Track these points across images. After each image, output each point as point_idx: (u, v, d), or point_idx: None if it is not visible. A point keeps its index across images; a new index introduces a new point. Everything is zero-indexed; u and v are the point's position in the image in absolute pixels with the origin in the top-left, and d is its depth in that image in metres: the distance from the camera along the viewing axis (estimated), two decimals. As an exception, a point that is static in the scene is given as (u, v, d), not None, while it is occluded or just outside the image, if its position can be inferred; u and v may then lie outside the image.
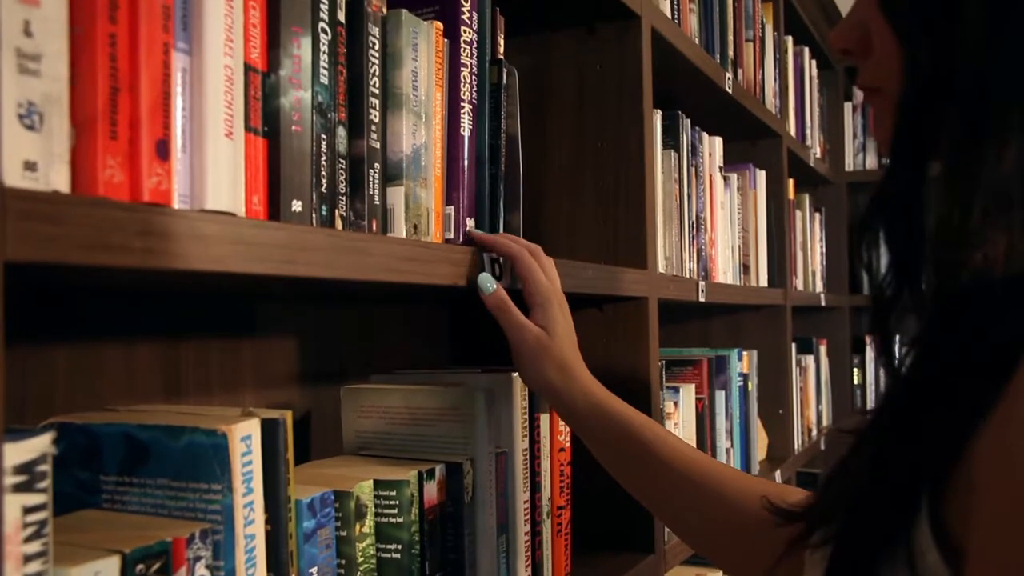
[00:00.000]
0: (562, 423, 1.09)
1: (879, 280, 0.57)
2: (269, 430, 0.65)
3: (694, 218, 1.60)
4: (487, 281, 0.87)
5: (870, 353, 3.12)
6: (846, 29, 0.61)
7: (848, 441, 0.59)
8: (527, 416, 1.02)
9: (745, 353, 1.93)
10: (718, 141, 1.76)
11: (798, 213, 2.49)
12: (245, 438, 0.63)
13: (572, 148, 1.30)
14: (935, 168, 0.54)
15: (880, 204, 0.57)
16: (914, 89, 0.55)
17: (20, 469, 0.48)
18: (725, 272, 1.81)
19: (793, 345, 2.24)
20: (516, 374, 0.99)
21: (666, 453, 0.86)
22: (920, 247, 0.55)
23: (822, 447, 2.58)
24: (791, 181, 2.34)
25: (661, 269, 1.42)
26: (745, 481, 0.85)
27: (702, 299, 1.52)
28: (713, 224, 1.73)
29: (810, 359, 2.57)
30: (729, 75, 1.69)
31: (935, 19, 0.53)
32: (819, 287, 2.75)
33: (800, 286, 2.49)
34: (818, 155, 2.76)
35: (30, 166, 0.49)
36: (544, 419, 1.06)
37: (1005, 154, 0.49)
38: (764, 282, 2.08)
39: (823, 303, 2.68)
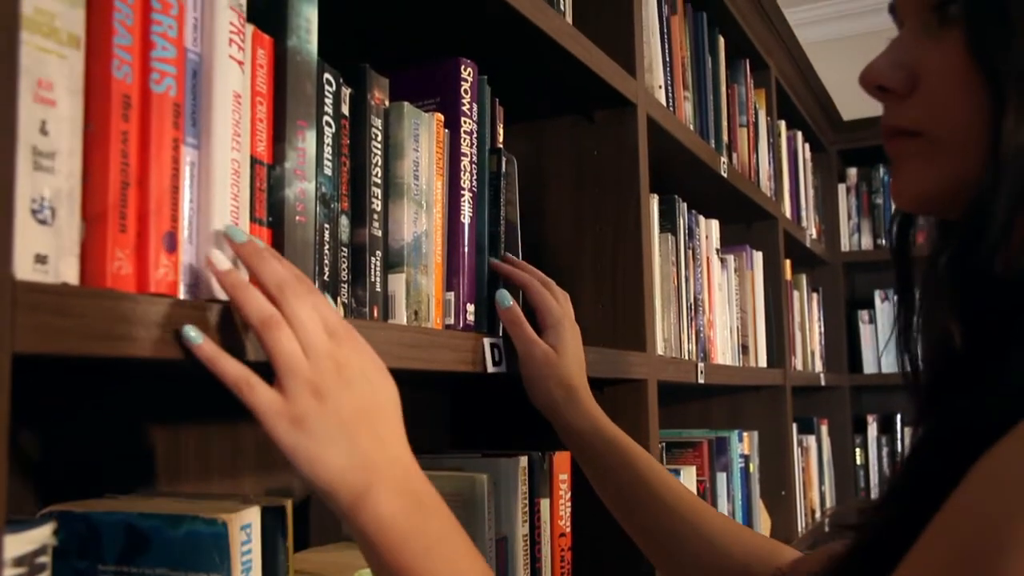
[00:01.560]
0: (562, 508, 1.08)
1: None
2: (269, 518, 0.65)
3: (692, 300, 1.62)
4: (504, 297, 0.92)
5: (872, 433, 3.10)
6: (888, 67, 0.59)
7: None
8: (527, 501, 1.02)
9: (746, 434, 1.93)
10: (715, 224, 1.78)
11: (796, 293, 2.51)
12: (245, 527, 0.63)
13: (571, 232, 1.32)
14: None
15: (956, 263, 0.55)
16: (1010, 144, 0.52)
17: (19, 561, 0.48)
18: (724, 353, 1.81)
19: (794, 425, 2.23)
20: (517, 459, 0.99)
21: (661, 486, 0.87)
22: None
23: (826, 528, 2.54)
24: (788, 262, 2.36)
25: (660, 351, 1.42)
26: (736, 529, 0.86)
27: (701, 380, 1.52)
28: (711, 305, 1.74)
29: (811, 439, 2.56)
30: (724, 159, 1.72)
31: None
32: (819, 367, 2.75)
33: (799, 366, 2.49)
34: (814, 236, 2.80)
35: (41, 259, 0.50)
36: (544, 504, 1.05)
37: None
38: (763, 362, 2.08)
39: (823, 383, 2.68)
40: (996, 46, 0.53)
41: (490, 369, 0.89)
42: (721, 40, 1.87)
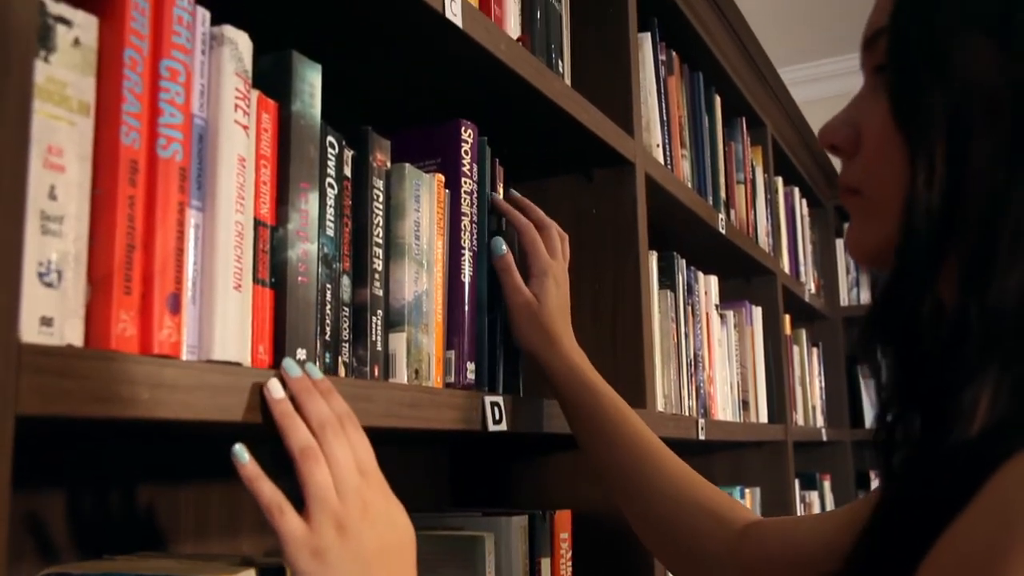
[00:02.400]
0: (563, 567, 1.07)
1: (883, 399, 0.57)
2: (268, 580, 0.65)
3: (692, 356, 1.62)
4: (498, 245, 0.98)
5: (875, 488, 3.07)
6: (838, 125, 0.62)
7: None
8: (528, 561, 1.01)
9: (748, 490, 1.91)
10: (713, 280, 1.79)
11: (795, 348, 2.51)
12: (244, 588, 0.63)
13: (571, 289, 1.32)
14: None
15: (877, 319, 0.57)
16: (921, 203, 0.54)
17: (19, 625, 0.48)
18: (724, 409, 1.81)
19: (796, 481, 2.22)
20: (518, 518, 0.99)
21: (627, 426, 0.91)
22: (920, 365, 0.54)
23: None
24: (787, 317, 2.37)
25: (660, 408, 1.42)
26: (693, 481, 0.89)
27: (702, 437, 1.52)
28: (711, 361, 1.74)
29: (814, 495, 2.54)
30: (722, 216, 1.74)
31: (955, 136, 0.53)
32: (820, 422, 2.74)
33: (801, 421, 2.48)
34: (813, 291, 2.81)
35: (46, 321, 0.51)
36: (545, 564, 1.04)
37: (1007, 285, 0.49)
38: (764, 418, 2.07)
39: (824, 438, 2.66)
40: (909, 108, 0.55)
41: (491, 428, 0.89)
42: (718, 99, 1.90)
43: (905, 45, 0.56)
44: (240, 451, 0.62)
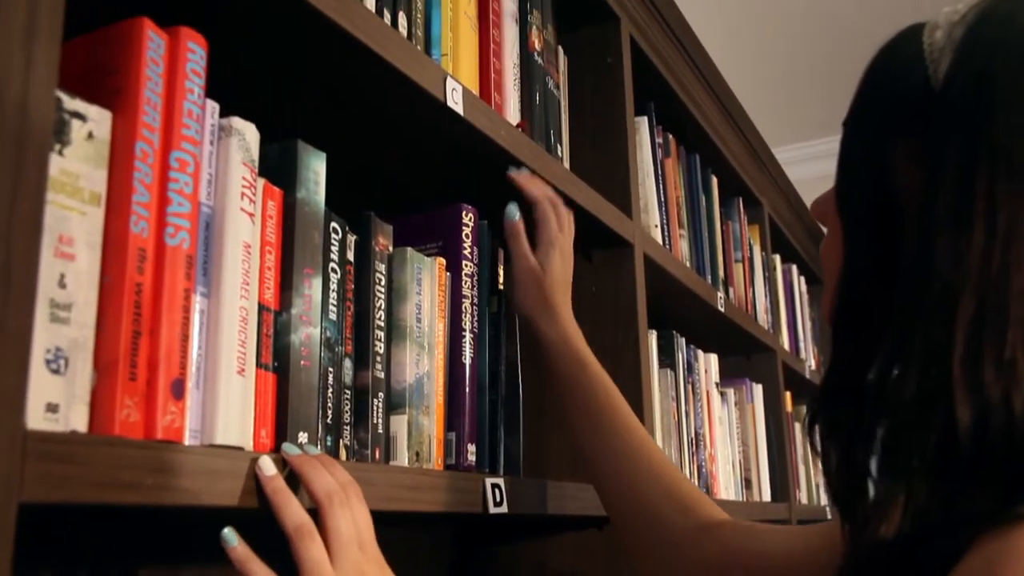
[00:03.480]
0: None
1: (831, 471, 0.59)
2: (267, 669, 0.64)
3: (693, 434, 1.61)
4: (513, 211, 1.00)
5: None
6: (820, 202, 0.67)
7: None
8: (529, 646, 0.99)
9: (752, 572, 1.88)
10: (713, 358, 1.80)
11: (797, 425, 2.50)
12: None
13: (570, 369, 1.33)
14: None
15: (821, 395, 0.60)
16: (850, 281, 0.59)
17: None
18: (727, 488, 1.80)
19: (801, 562, 2.18)
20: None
21: (614, 408, 0.92)
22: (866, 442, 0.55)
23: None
24: (788, 393, 2.36)
25: (662, 488, 1.41)
26: (673, 473, 0.89)
27: (705, 517, 1.50)
28: (712, 440, 1.74)
29: None
30: (721, 294, 1.75)
31: (881, 219, 0.57)
32: (824, 500, 2.71)
33: (804, 499, 2.45)
34: (813, 367, 2.80)
35: (52, 408, 0.51)
36: (547, 649, 1.03)
37: (908, 378, 0.51)
38: (767, 496, 2.05)
39: (829, 516, 2.63)
40: (843, 196, 0.61)
41: (491, 510, 0.89)
42: (714, 180, 1.93)
43: (846, 141, 0.61)
44: (229, 534, 0.62)
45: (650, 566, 0.89)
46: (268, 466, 0.64)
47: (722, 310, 1.74)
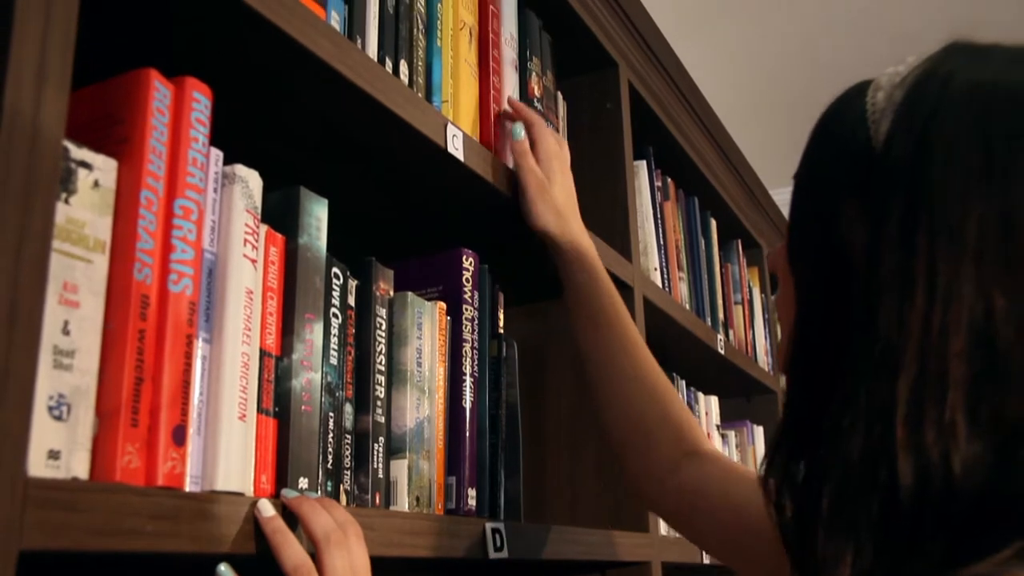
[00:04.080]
0: None
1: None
2: None
3: (694, 478, 1.60)
4: (518, 130, 1.04)
5: None
6: (772, 255, 0.68)
7: None
8: None
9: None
10: (714, 400, 1.79)
11: (799, 468, 2.48)
12: None
13: (571, 412, 1.33)
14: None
15: (775, 447, 0.60)
16: (802, 334, 0.59)
17: None
18: (729, 532, 1.78)
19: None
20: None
21: (619, 321, 0.96)
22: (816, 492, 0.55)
23: None
24: (789, 436, 2.35)
25: (663, 531, 1.40)
26: (668, 393, 0.93)
27: (706, 562, 1.49)
28: (714, 483, 1.72)
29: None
30: (721, 336, 1.75)
31: (830, 275, 0.58)
32: (827, 544, 2.69)
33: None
34: (814, 409, 2.80)
35: (53, 455, 0.51)
36: None
37: (854, 436, 0.51)
38: (770, 541, 2.04)
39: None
40: (793, 251, 0.62)
41: (491, 555, 0.88)
42: (713, 222, 1.94)
43: (796, 197, 0.62)
44: (225, 571, 0.62)
45: (639, 485, 0.92)
46: (267, 508, 0.64)
47: (722, 352, 1.75)
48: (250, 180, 0.68)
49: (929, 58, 0.57)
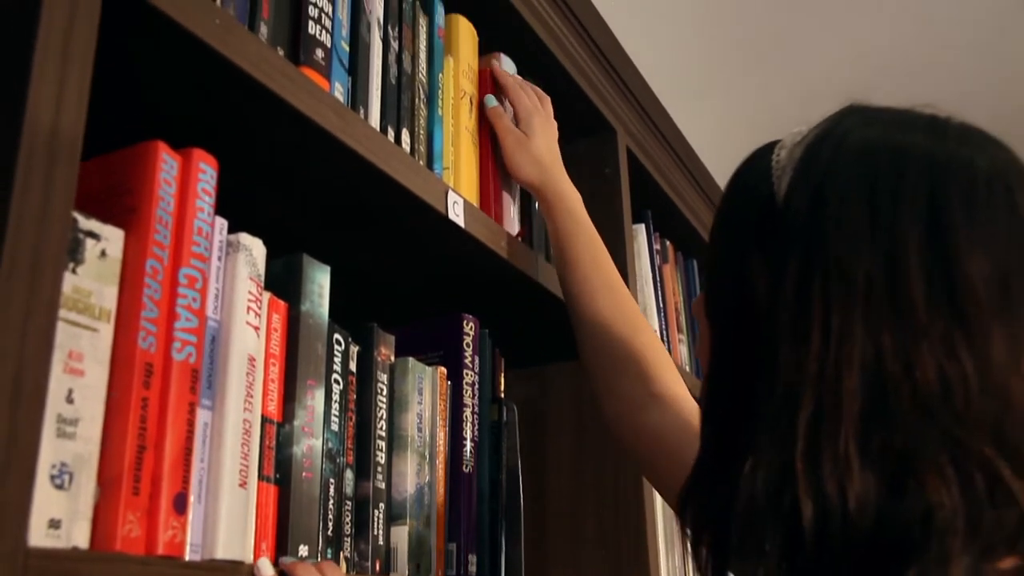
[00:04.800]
0: None
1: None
2: None
3: (696, 542, 1.59)
4: (490, 99, 1.10)
5: None
6: (696, 303, 0.71)
7: None
8: None
9: None
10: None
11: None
12: None
13: (572, 475, 1.32)
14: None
15: (690, 485, 0.63)
16: (715, 378, 0.63)
17: None
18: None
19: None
20: None
21: (596, 260, 1.00)
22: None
23: None
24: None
25: (666, 597, 1.39)
26: (646, 333, 0.96)
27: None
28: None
29: None
30: (721, 398, 1.75)
31: (739, 323, 0.61)
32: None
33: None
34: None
35: (54, 524, 0.51)
36: None
37: (759, 472, 0.53)
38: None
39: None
40: (706, 300, 0.66)
41: (492, 624, 0.87)
42: (712, 284, 1.94)
43: (709, 249, 0.67)
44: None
45: (606, 415, 0.96)
46: (266, 567, 0.65)
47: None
48: (254, 248, 0.69)
49: (828, 119, 0.62)
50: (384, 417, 0.85)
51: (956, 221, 0.54)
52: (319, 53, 0.78)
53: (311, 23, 0.78)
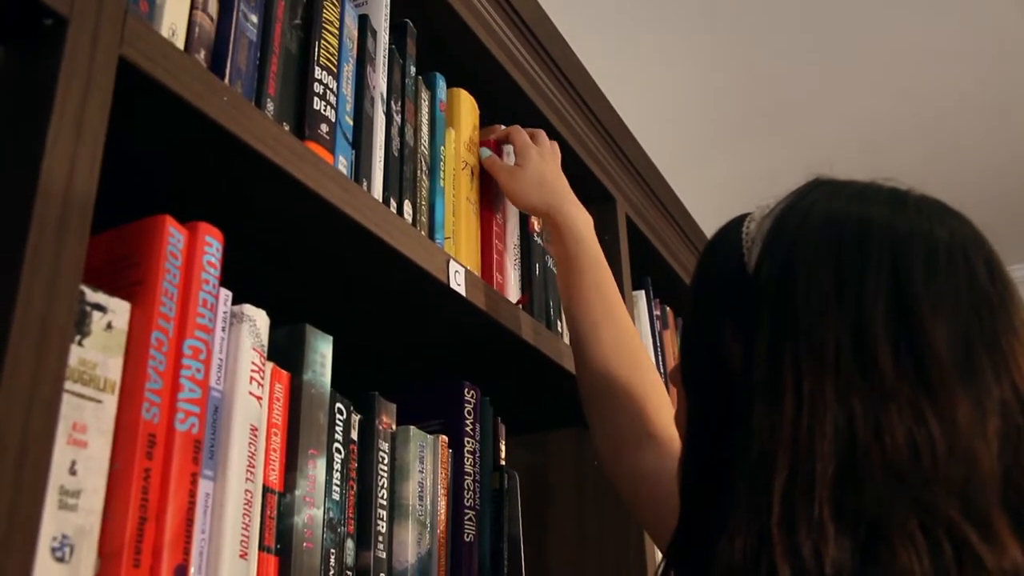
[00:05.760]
0: None
1: None
2: None
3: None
4: (483, 151, 1.12)
5: None
6: (673, 371, 0.72)
7: None
8: None
9: None
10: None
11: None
12: None
13: (573, 543, 1.31)
14: None
15: (669, 553, 0.64)
16: (691, 446, 0.65)
17: None
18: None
19: None
20: None
21: (600, 286, 0.99)
22: None
23: None
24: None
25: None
26: (646, 368, 0.96)
27: None
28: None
29: None
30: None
31: (714, 391, 0.63)
32: None
33: None
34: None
35: (54, 597, 0.51)
36: None
37: (736, 539, 0.54)
38: None
39: None
40: (683, 366, 0.68)
41: None
42: (713, 349, 1.95)
43: (685, 318, 0.69)
44: (484, 151, 0.67)
45: (602, 454, 0.94)
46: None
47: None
48: (258, 319, 0.70)
49: (794, 192, 0.64)
50: (385, 486, 0.85)
51: (918, 290, 0.56)
52: (323, 128, 0.80)
53: (316, 99, 0.80)
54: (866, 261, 0.57)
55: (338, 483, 0.78)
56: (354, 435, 0.82)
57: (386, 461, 0.85)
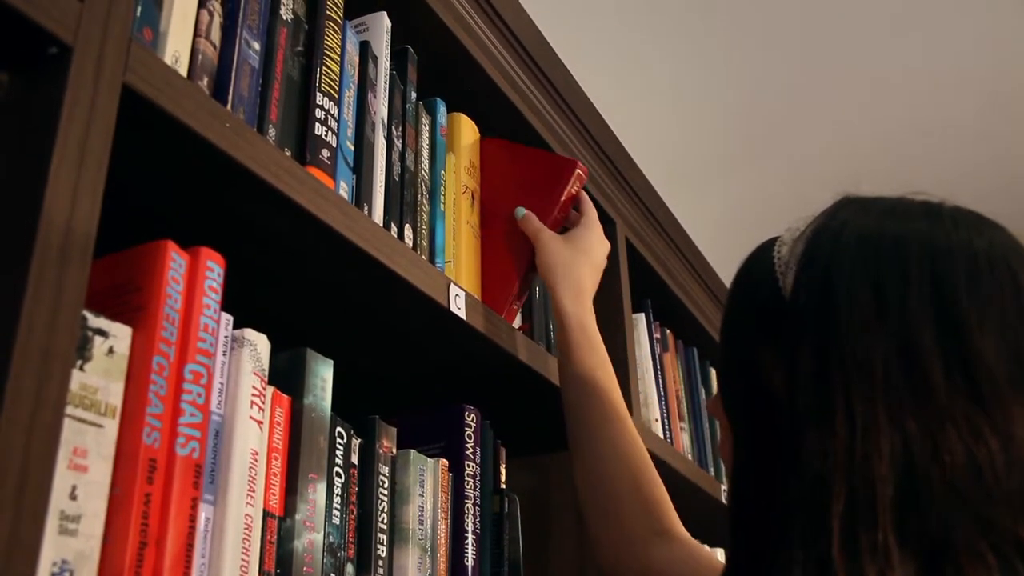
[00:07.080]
0: None
1: None
2: None
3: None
4: (520, 210, 1.07)
5: None
6: (712, 401, 0.71)
7: None
8: None
9: None
10: (719, 552, 1.76)
11: None
12: None
13: (575, 568, 1.30)
14: None
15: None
16: (739, 475, 0.63)
17: None
18: None
19: None
20: None
21: (603, 388, 0.97)
22: None
23: None
24: None
25: None
26: (646, 471, 0.93)
27: None
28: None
29: None
30: (724, 486, 1.73)
31: (758, 417, 0.61)
32: None
33: None
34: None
35: (54, 622, 0.51)
36: None
37: (794, 568, 0.52)
38: None
39: None
40: (723, 395, 0.67)
41: None
42: (713, 372, 1.95)
43: (721, 347, 0.67)
44: (519, 210, 0.67)
45: (604, 553, 0.91)
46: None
47: (726, 503, 1.72)
48: (258, 344, 0.70)
49: (823, 213, 0.63)
50: (385, 510, 0.85)
51: (963, 302, 0.55)
52: (325, 153, 0.81)
53: (317, 124, 0.80)
54: (906, 277, 0.56)
55: (338, 507, 0.78)
56: (354, 459, 0.82)
57: (386, 485, 0.85)
